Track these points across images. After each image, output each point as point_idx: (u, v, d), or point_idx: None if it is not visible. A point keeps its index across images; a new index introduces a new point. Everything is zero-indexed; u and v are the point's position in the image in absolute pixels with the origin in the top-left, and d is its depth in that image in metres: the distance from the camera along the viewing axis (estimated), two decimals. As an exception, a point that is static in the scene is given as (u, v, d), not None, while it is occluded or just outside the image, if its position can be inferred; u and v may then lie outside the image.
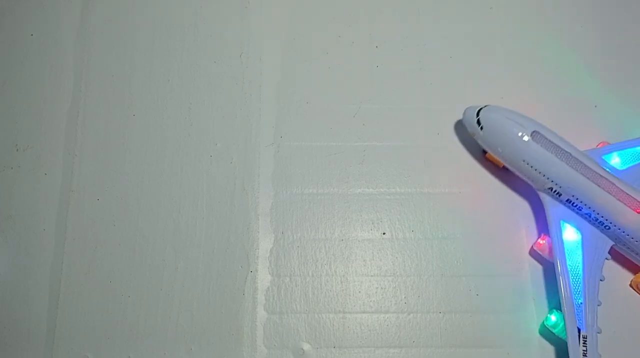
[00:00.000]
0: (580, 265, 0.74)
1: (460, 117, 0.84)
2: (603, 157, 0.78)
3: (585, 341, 0.72)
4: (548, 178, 0.75)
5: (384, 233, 0.82)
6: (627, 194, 0.74)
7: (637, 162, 0.78)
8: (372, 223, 0.83)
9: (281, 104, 0.88)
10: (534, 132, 0.76)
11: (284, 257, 0.82)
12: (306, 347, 0.78)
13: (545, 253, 0.77)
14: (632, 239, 0.74)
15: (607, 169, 0.76)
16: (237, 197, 0.84)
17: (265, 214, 0.83)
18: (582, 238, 0.75)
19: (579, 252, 0.74)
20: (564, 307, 0.72)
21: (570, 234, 0.76)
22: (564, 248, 0.75)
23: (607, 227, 0.75)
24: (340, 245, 0.82)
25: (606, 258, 0.76)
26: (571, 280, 0.73)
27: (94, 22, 0.93)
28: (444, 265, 0.80)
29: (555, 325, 0.75)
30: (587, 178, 0.74)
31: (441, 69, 0.89)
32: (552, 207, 0.77)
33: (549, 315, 0.76)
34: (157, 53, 0.91)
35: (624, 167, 0.78)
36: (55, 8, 0.93)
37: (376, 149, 0.86)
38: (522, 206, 0.83)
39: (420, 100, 0.88)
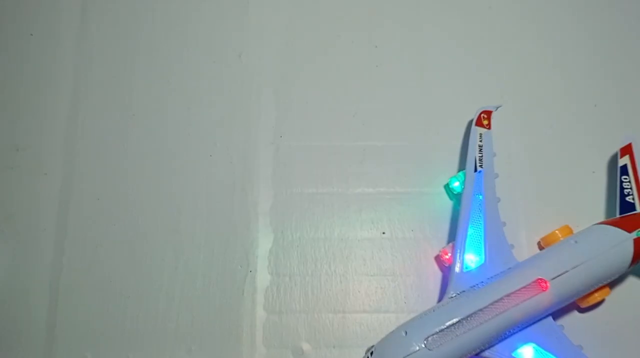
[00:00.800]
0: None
1: (460, 116, 0.84)
2: (465, 272, 0.74)
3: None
4: (470, 352, 0.70)
5: (383, 233, 0.82)
6: (523, 288, 0.70)
7: (483, 244, 0.76)
8: (372, 223, 0.83)
9: (281, 103, 0.88)
10: (425, 343, 0.68)
11: (283, 257, 0.82)
12: (306, 346, 0.78)
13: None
14: (559, 304, 0.73)
15: (484, 284, 0.72)
16: (237, 197, 0.84)
17: (265, 214, 0.83)
18: (537, 343, 0.72)
19: (547, 355, 0.71)
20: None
21: (527, 352, 0.71)
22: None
23: (538, 318, 0.72)
24: (340, 244, 0.82)
25: (562, 329, 0.74)
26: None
27: (94, 22, 0.93)
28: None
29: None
30: (492, 317, 0.69)
31: (441, 69, 0.89)
32: (494, 355, 0.71)
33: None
34: (157, 53, 0.91)
35: (484, 259, 0.75)
36: (55, 8, 0.94)
37: (376, 149, 0.86)
38: (521, 204, 0.83)
39: (420, 100, 0.88)
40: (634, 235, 0.73)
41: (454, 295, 0.73)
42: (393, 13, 0.93)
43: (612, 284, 0.76)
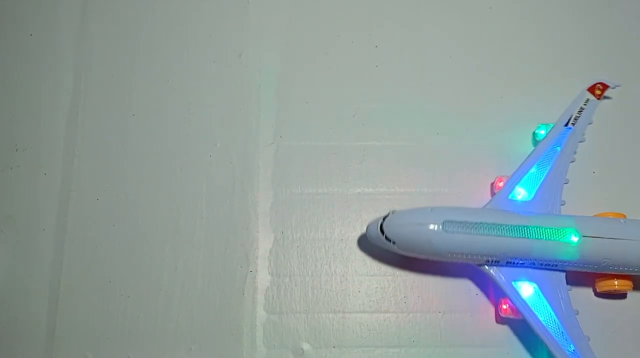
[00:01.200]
0: (553, 314, 0.73)
1: (459, 117, 0.84)
2: (509, 198, 0.77)
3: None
4: (478, 256, 0.73)
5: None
6: (557, 229, 0.72)
7: (539, 184, 0.78)
8: (372, 223, 0.83)
9: (281, 103, 0.88)
10: (443, 223, 0.72)
11: (283, 257, 0.82)
12: (306, 346, 0.78)
13: (513, 315, 0.75)
14: (581, 265, 0.73)
15: (520, 212, 0.74)
16: (237, 197, 0.84)
17: (265, 214, 0.83)
18: (539, 287, 0.74)
19: (544, 301, 0.73)
20: None
21: (526, 289, 0.74)
22: (529, 306, 0.73)
23: (554, 266, 0.74)
24: (340, 245, 0.82)
25: (569, 290, 0.75)
26: (554, 334, 0.72)
27: (94, 22, 0.93)
28: (444, 265, 0.80)
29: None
30: (512, 236, 0.72)
31: (441, 69, 0.89)
32: (498, 275, 0.74)
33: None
34: (157, 53, 0.91)
35: (532, 197, 0.77)
36: (55, 8, 0.93)
37: (376, 149, 0.86)
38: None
39: (420, 100, 0.88)
40: None
41: (489, 207, 0.76)
42: (393, 13, 0.93)
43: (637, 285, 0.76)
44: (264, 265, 0.81)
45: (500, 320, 0.78)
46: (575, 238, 0.72)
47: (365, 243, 0.82)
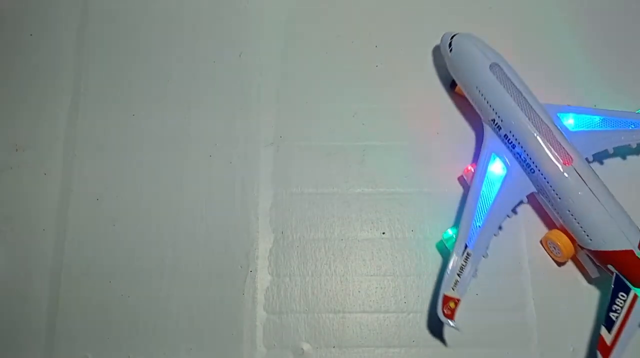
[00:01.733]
0: (493, 196, 0.76)
1: (459, 117, 0.84)
2: (558, 114, 0.80)
3: (468, 258, 0.74)
4: (493, 109, 0.78)
5: (383, 233, 0.82)
6: (561, 145, 0.76)
7: (588, 129, 0.80)
8: (372, 223, 0.83)
9: (281, 103, 0.88)
10: (493, 64, 0.79)
11: (283, 257, 0.82)
12: (306, 346, 0.78)
13: (469, 180, 0.79)
14: (551, 190, 0.76)
15: (555, 124, 0.78)
16: (237, 197, 0.84)
17: (265, 214, 0.83)
18: (506, 175, 0.78)
19: (498, 185, 0.77)
20: (461, 223, 0.75)
21: (497, 168, 0.78)
22: (484, 176, 0.77)
23: (532, 171, 0.77)
24: (340, 244, 0.82)
25: (522, 202, 0.78)
26: (478, 204, 0.76)
27: (94, 22, 0.93)
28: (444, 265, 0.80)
29: (449, 239, 0.77)
30: (528, 118, 0.76)
31: (440, 69, 0.89)
32: (490, 138, 0.80)
33: (447, 229, 0.78)
34: (157, 53, 0.91)
35: (574, 129, 0.80)
36: (55, 8, 0.93)
37: (376, 149, 0.86)
38: (525, 209, 0.83)
39: (420, 100, 0.88)
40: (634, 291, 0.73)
41: (539, 102, 0.79)
42: (393, 13, 0.93)
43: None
44: (264, 265, 0.81)
45: (460, 179, 0.83)
46: (568, 164, 0.74)
47: (365, 243, 0.81)
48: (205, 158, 0.86)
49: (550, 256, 0.80)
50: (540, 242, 0.81)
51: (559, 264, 0.80)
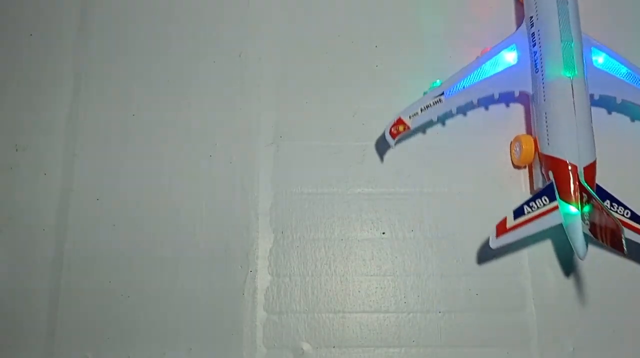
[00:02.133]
0: (492, 73, 0.80)
1: (460, 116, 0.84)
2: (592, 48, 0.81)
3: (437, 103, 0.78)
4: (536, 5, 0.80)
5: (383, 233, 0.82)
6: (572, 59, 0.77)
7: (610, 72, 0.81)
8: (372, 223, 0.83)
9: (281, 103, 0.88)
10: None
11: (283, 257, 0.82)
12: (306, 346, 0.78)
13: (480, 55, 0.83)
14: (542, 90, 0.78)
15: (582, 48, 0.79)
16: (237, 197, 0.84)
17: (265, 214, 0.83)
18: (514, 65, 0.81)
19: (501, 68, 0.81)
20: (451, 76, 0.80)
21: (510, 57, 0.81)
22: (494, 55, 0.81)
23: (536, 70, 0.79)
24: (340, 244, 0.82)
25: (513, 95, 0.81)
26: (475, 71, 0.80)
27: (94, 22, 0.93)
28: (444, 265, 0.80)
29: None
30: (560, 28, 0.78)
31: (441, 69, 0.89)
32: (520, 33, 0.83)
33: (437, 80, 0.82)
34: (157, 53, 0.91)
35: (598, 67, 0.81)
36: (55, 8, 0.93)
37: (376, 149, 0.86)
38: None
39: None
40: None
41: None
42: (393, 13, 0.93)
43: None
44: (264, 265, 0.81)
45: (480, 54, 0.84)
46: (568, 75, 0.76)
47: (365, 243, 0.82)
48: (205, 158, 0.86)
49: (511, 159, 0.84)
50: (510, 143, 0.84)
51: (516, 167, 0.84)
